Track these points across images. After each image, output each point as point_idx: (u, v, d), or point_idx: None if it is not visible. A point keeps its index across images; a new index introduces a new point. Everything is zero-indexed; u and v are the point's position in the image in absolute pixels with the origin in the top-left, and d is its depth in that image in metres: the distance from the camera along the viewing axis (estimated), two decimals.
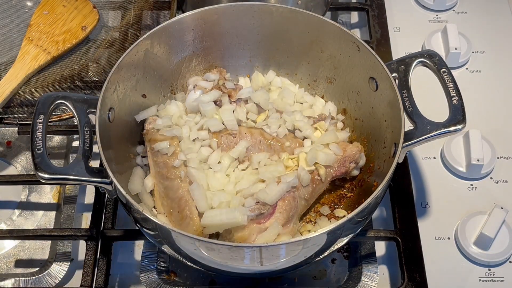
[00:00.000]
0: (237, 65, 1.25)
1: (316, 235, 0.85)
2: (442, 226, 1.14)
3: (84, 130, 0.98)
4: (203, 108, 1.12)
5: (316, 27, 1.14)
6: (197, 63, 1.22)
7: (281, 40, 1.20)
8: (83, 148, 0.96)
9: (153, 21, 1.36)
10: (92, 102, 1.01)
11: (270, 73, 1.24)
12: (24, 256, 1.16)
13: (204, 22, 1.16)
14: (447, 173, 1.21)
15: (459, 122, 0.97)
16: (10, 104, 1.20)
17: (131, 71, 1.10)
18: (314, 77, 1.22)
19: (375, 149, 1.10)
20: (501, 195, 1.17)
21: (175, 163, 1.04)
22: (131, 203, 0.90)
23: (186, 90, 1.21)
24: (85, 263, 1.08)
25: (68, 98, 1.00)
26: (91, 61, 1.28)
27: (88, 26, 1.31)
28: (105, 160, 0.93)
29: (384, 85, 1.05)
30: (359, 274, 1.09)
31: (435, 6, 1.49)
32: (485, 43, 1.42)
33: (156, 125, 1.11)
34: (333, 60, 1.17)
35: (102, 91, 1.01)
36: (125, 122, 1.11)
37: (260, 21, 1.17)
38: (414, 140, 0.97)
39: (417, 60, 1.05)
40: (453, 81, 1.01)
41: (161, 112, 1.16)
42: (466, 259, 1.09)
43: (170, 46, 1.15)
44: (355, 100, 1.16)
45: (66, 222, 1.20)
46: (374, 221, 1.17)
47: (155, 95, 1.18)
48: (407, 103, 1.01)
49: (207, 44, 1.20)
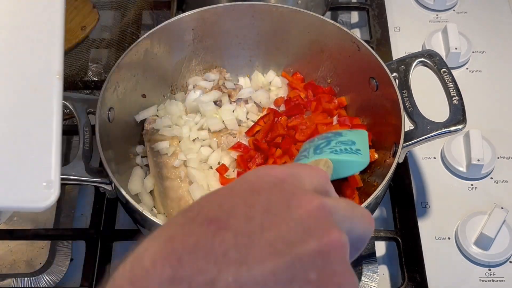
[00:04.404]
0: (237, 65, 1.25)
1: None
2: (442, 226, 1.14)
3: (84, 130, 0.98)
4: (203, 108, 1.11)
5: (316, 27, 1.14)
6: (197, 63, 1.22)
7: (281, 40, 1.20)
8: (82, 148, 0.96)
9: (153, 21, 1.36)
10: (91, 102, 1.01)
11: (270, 73, 1.24)
12: (24, 256, 1.16)
13: (204, 21, 1.16)
14: (447, 173, 1.21)
15: (459, 122, 0.97)
16: None
17: (131, 71, 1.10)
18: (314, 77, 1.22)
19: (375, 149, 1.10)
20: (501, 195, 1.17)
21: (175, 163, 1.04)
22: (131, 203, 0.90)
23: (186, 90, 1.21)
24: (85, 263, 1.08)
25: (68, 97, 1.00)
26: (91, 61, 1.28)
27: (88, 26, 1.31)
28: (105, 160, 0.93)
29: (384, 85, 1.05)
30: (359, 274, 1.09)
31: (435, 6, 1.48)
32: (486, 43, 1.42)
33: (155, 125, 1.11)
34: (333, 60, 1.17)
35: (102, 91, 1.00)
36: (125, 122, 1.11)
37: (260, 21, 1.17)
38: (414, 140, 0.97)
39: (417, 60, 1.05)
40: (453, 81, 1.01)
41: (160, 112, 1.16)
42: (466, 259, 1.09)
43: (170, 46, 1.15)
44: (355, 100, 1.16)
45: (66, 222, 1.20)
46: (374, 221, 1.17)
47: (155, 95, 1.18)
48: (407, 103, 1.01)
49: (207, 44, 1.20)
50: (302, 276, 0.41)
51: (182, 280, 0.39)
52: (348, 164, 0.86)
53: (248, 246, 0.41)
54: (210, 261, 0.40)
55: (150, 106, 1.16)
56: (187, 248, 0.41)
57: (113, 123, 1.04)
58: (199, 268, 0.40)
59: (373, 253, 1.11)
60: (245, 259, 0.41)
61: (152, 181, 1.07)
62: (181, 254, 0.41)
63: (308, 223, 0.44)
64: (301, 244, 0.43)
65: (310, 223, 0.44)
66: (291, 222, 0.44)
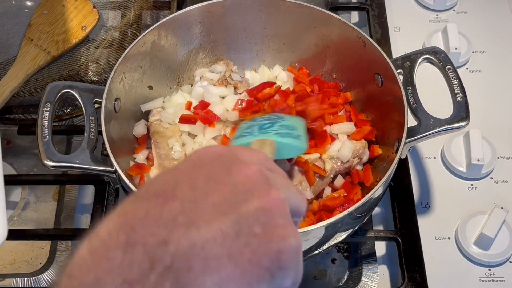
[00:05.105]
0: (243, 59, 1.25)
1: (316, 228, 0.85)
2: (442, 226, 1.14)
3: (90, 120, 0.99)
4: (209, 99, 1.12)
5: (322, 22, 1.14)
6: (203, 56, 1.22)
7: (287, 35, 1.20)
8: (88, 137, 0.97)
9: (153, 21, 1.36)
10: (98, 92, 1.01)
11: (276, 68, 1.24)
12: (24, 256, 1.16)
13: (211, 15, 1.16)
14: (447, 173, 1.21)
15: (462, 119, 0.97)
16: (10, 104, 1.20)
17: (138, 62, 1.10)
18: (319, 72, 1.22)
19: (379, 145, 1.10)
20: (501, 195, 1.17)
21: (175, 155, 1.05)
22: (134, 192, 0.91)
23: (193, 83, 1.21)
24: None
25: (75, 87, 1.01)
26: (91, 61, 1.28)
27: (88, 26, 1.31)
28: (110, 149, 0.94)
29: (389, 81, 1.05)
30: (359, 274, 1.09)
31: (435, 6, 1.48)
32: (485, 43, 1.42)
33: (160, 117, 1.11)
34: (338, 56, 1.17)
35: (109, 81, 1.01)
36: (131, 113, 1.11)
37: (267, 15, 1.18)
38: (417, 136, 0.97)
39: (423, 57, 1.05)
40: (457, 78, 1.01)
41: (166, 104, 1.16)
42: (466, 259, 1.09)
43: (177, 38, 1.16)
44: (360, 95, 1.16)
45: (66, 222, 1.20)
46: (374, 221, 1.17)
47: (161, 87, 1.18)
48: (411, 99, 1.01)
49: (214, 37, 1.20)
50: (247, 231, 0.46)
51: (136, 243, 0.43)
52: (290, 148, 0.93)
53: (194, 211, 0.45)
54: (161, 226, 0.44)
55: (156, 97, 1.16)
56: (139, 218, 0.45)
57: (119, 114, 1.05)
58: (151, 232, 0.44)
59: (373, 253, 1.11)
60: (193, 221, 0.45)
61: (156, 172, 1.08)
62: (133, 224, 0.44)
63: (248, 186, 0.49)
64: (244, 203, 0.47)
65: (250, 186, 0.49)
66: (233, 186, 0.48)
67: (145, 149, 1.11)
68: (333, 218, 0.86)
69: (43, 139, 0.94)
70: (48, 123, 0.96)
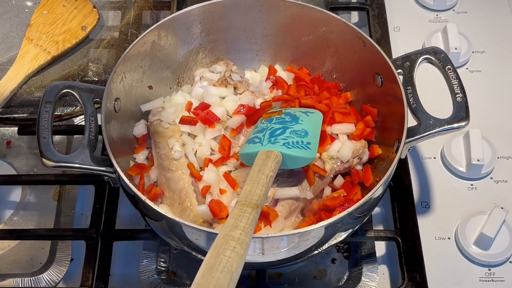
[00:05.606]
0: (243, 59, 1.25)
1: (316, 228, 0.85)
2: (442, 226, 1.14)
3: (90, 120, 0.99)
4: (208, 99, 1.12)
5: (322, 22, 1.14)
6: (203, 56, 1.23)
7: (287, 35, 1.20)
8: (88, 137, 0.97)
9: (153, 21, 1.36)
10: (98, 92, 1.01)
11: (276, 67, 1.24)
12: (24, 256, 1.16)
13: (211, 15, 1.16)
14: (447, 173, 1.21)
15: (462, 119, 0.97)
16: (10, 104, 1.20)
17: (138, 62, 1.10)
18: (319, 72, 1.22)
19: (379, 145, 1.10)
20: (501, 195, 1.17)
21: (175, 155, 1.05)
22: (134, 192, 0.91)
23: (193, 83, 1.21)
24: (85, 263, 1.08)
25: (75, 87, 1.01)
26: (91, 61, 1.28)
27: (88, 26, 1.31)
28: (110, 149, 0.94)
29: (389, 81, 1.05)
30: (359, 274, 1.09)
31: (435, 6, 1.49)
32: (485, 43, 1.42)
33: (160, 117, 1.11)
34: (338, 56, 1.18)
35: (109, 81, 1.01)
36: (131, 113, 1.12)
37: (267, 15, 1.18)
38: (417, 136, 0.97)
39: (422, 57, 1.05)
40: (457, 78, 1.01)
41: (166, 104, 1.16)
42: (466, 259, 1.09)
43: (177, 38, 1.16)
44: (360, 95, 1.17)
45: (66, 222, 1.20)
46: (374, 221, 1.17)
47: (161, 87, 1.18)
48: (411, 99, 1.01)
49: (214, 37, 1.21)
50: None
51: None
52: (296, 159, 0.96)
53: None
54: None
55: (156, 97, 1.16)
56: None
57: (119, 114, 1.05)
58: None
59: (373, 253, 1.11)
60: None
61: (156, 172, 1.08)
62: None
63: None
64: None
65: None
66: None
67: (145, 149, 1.11)
68: (333, 218, 0.86)
69: (43, 139, 0.94)
70: (48, 123, 0.96)
